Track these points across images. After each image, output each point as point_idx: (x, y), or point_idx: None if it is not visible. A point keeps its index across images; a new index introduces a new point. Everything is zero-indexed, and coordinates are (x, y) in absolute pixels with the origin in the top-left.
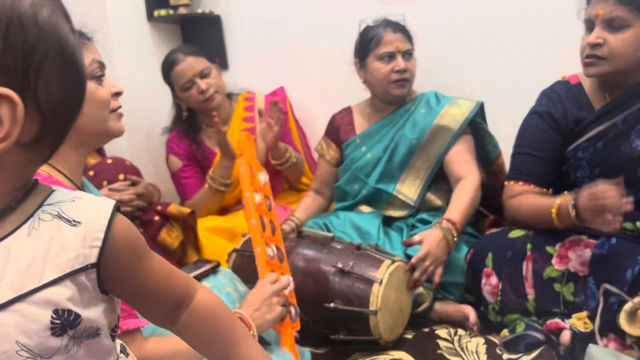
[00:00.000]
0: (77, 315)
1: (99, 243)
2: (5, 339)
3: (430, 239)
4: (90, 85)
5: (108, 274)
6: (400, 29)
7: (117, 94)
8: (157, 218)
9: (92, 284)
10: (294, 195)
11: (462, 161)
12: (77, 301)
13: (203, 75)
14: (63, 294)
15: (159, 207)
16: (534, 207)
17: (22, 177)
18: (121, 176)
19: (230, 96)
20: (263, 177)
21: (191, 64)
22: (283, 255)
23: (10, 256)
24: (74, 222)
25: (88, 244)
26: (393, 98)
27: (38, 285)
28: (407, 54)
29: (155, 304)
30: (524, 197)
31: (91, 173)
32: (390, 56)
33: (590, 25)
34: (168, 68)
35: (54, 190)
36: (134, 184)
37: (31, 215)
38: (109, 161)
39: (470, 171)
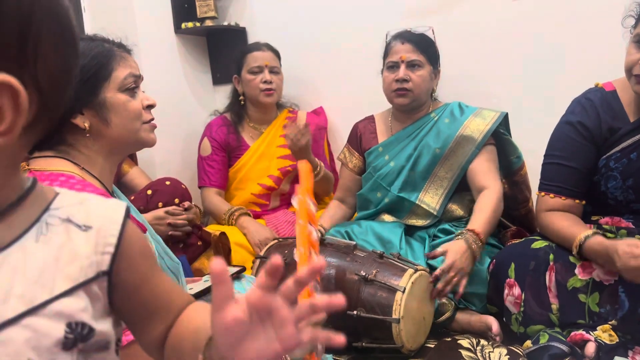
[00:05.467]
0: (91, 329)
1: (112, 249)
2: (15, 357)
3: (454, 250)
4: (122, 97)
5: (119, 283)
6: (410, 40)
7: (150, 107)
8: (199, 243)
9: (103, 293)
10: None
11: (484, 171)
12: (90, 313)
13: (272, 70)
14: (77, 306)
15: (201, 232)
16: (560, 234)
17: (14, 166)
18: (176, 200)
19: (279, 105)
20: (314, 209)
21: (268, 57)
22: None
23: (18, 265)
24: (85, 227)
25: (100, 250)
26: (397, 107)
27: (50, 296)
28: (413, 65)
29: (158, 321)
30: (555, 217)
31: (149, 192)
32: (395, 66)
33: None
34: (246, 51)
35: (58, 193)
36: (187, 209)
37: (37, 219)
38: (167, 183)
39: (493, 181)
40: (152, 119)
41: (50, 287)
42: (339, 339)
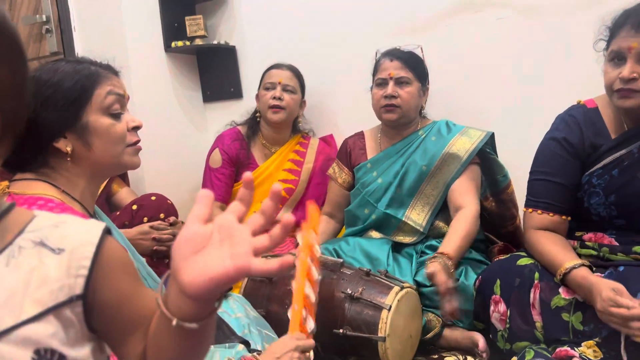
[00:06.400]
0: (62, 355)
1: (85, 272)
2: None
3: (440, 271)
4: (105, 121)
5: (98, 303)
6: (399, 57)
7: (136, 128)
8: None
9: (78, 318)
10: None
11: (463, 191)
12: (62, 339)
13: (286, 89)
14: (45, 331)
15: None
16: (546, 258)
17: None
18: (161, 215)
19: (295, 129)
20: (318, 276)
21: (285, 75)
22: (314, 326)
23: None
24: (58, 249)
25: (73, 273)
26: (386, 123)
27: (17, 322)
28: (402, 82)
29: (141, 337)
30: (542, 238)
31: (134, 207)
32: (384, 82)
33: (619, 57)
34: (267, 69)
35: (35, 216)
36: (172, 224)
37: (10, 242)
38: (153, 198)
39: (470, 201)
40: (138, 141)
41: (17, 312)
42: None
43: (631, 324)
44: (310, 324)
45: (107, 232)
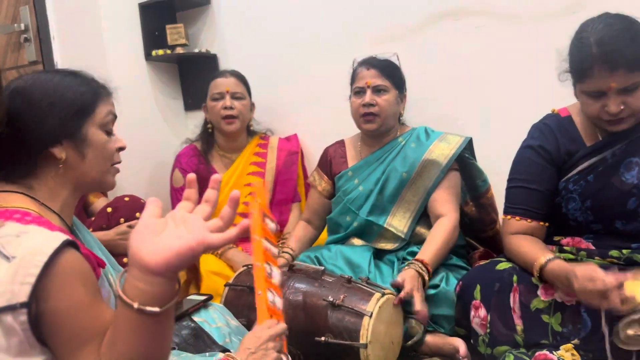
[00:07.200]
0: None
1: (32, 280)
2: None
3: (410, 276)
4: (102, 136)
5: (47, 314)
6: (376, 65)
7: (121, 149)
8: None
9: (23, 327)
10: None
11: (442, 200)
12: (2, 345)
13: (235, 96)
14: None
15: None
16: (523, 258)
17: None
18: (137, 214)
19: (250, 132)
20: (273, 226)
21: (230, 82)
22: (281, 303)
23: None
24: (11, 257)
25: (19, 280)
26: (365, 133)
27: None
28: (379, 90)
29: (93, 350)
30: (519, 241)
31: (109, 210)
32: (361, 91)
33: (598, 93)
34: (211, 78)
35: (2, 226)
36: None
37: None
38: (126, 199)
39: (449, 210)
40: (119, 162)
41: None
42: None
43: (609, 294)
44: (277, 302)
45: (69, 244)
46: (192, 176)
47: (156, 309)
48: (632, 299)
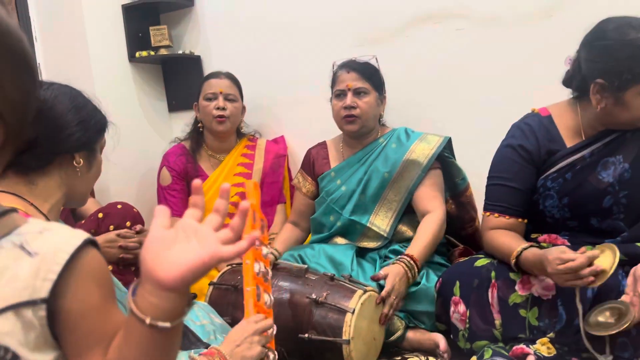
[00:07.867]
0: (15, 356)
1: (54, 276)
2: None
3: (394, 273)
4: (100, 157)
5: (63, 311)
6: (355, 68)
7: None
8: None
9: (41, 322)
10: None
11: (428, 197)
12: (20, 340)
13: (228, 98)
14: (1, 327)
15: None
16: (500, 250)
17: None
18: (128, 223)
19: (240, 133)
20: (263, 223)
21: (223, 84)
22: (271, 299)
23: None
24: (34, 253)
25: (41, 276)
26: (347, 134)
27: None
28: (360, 92)
29: (100, 352)
30: (497, 234)
31: (100, 215)
32: (342, 94)
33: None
34: (205, 78)
35: (27, 222)
36: (139, 232)
37: None
38: (119, 206)
39: (436, 206)
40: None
41: None
42: None
43: (582, 272)
44: (266, 299)
45: (91, 243)
46: (197, 182)
47: (167, 325)
48: (602, 272)
